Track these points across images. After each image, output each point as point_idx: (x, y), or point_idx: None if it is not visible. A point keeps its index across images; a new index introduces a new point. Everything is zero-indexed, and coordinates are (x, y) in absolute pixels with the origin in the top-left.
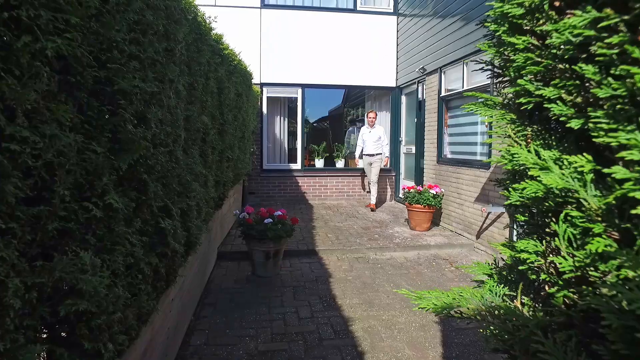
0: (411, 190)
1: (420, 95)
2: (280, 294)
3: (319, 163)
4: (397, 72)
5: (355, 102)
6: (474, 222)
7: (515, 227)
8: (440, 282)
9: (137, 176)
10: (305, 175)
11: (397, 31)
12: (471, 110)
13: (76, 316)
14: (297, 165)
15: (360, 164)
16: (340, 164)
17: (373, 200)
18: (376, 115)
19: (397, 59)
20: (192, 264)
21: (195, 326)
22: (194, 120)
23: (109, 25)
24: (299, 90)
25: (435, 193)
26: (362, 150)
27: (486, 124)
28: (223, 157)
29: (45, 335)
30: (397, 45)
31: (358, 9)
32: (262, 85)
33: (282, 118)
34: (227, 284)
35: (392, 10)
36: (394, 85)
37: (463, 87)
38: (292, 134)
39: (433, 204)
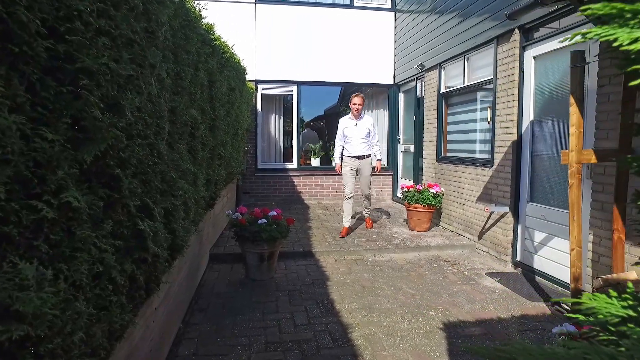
0: (410, 189)
1: (419, 92)
2: (275, 299)
3: (315, 162)
4: (394, 69)
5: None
6: (476, 223)
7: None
8: (443, 285)
9: (107, 171)
10: (301, 174)
11: (395, 27)
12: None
13: (15, 343)
14: (292, 165)
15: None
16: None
17: (347, 223)
18: (364, 100)
19: (395, 55)
20: (179, 269)
21: (184, 334)
22: (180, 112)
23: None
24: (295, 88)
25: (435, 192)
26: (342, 151)
27: (488, 120)
28: (214, 154)
29: None
30: (395, 41)
31: (355, 4)
32: (256, 82)
33: (277, 116)
34: (219, 288)
35: (389, 7)
36: (392, 82)
37: (464, 83)
38: (287, 133)
39: (433, 203)
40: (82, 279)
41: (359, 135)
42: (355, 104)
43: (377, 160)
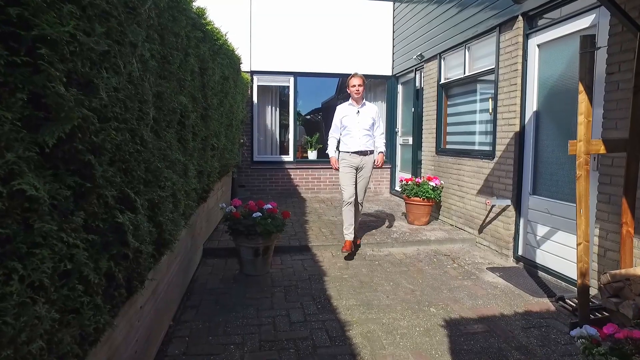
0: (409, 182)
1: (417, 84)
2: (270, 295)
3: (312, 155)
4: (393, 61)
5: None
6: (476, 216)
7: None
8: (443, 281)
9: (78, 157)
10: (297, 167)
11: (394, 18)
12: None
13: None
14: (289, 157)
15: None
16: None
17: (350, 235)
18: (364, 81)
19: (394, 46)
20: (169, 264)
21: (175, 332)
22: (168, 98)
23: None
24: (291, 79)
25: (434, 185)
26: (339, 144)
27: (489, 111)
28: (207, 144)
29: None
30: (394, 32)
31: None
32: (252, 73)
33: (273, 108)
34: (213, 283)
35: None
36: (390, 73)
37: (465, 74)
38: (284, 126)
39: (432, 196)
40: (43, 279)
41: (361, 126)
42: (354, 86)
43: (380, 152)
